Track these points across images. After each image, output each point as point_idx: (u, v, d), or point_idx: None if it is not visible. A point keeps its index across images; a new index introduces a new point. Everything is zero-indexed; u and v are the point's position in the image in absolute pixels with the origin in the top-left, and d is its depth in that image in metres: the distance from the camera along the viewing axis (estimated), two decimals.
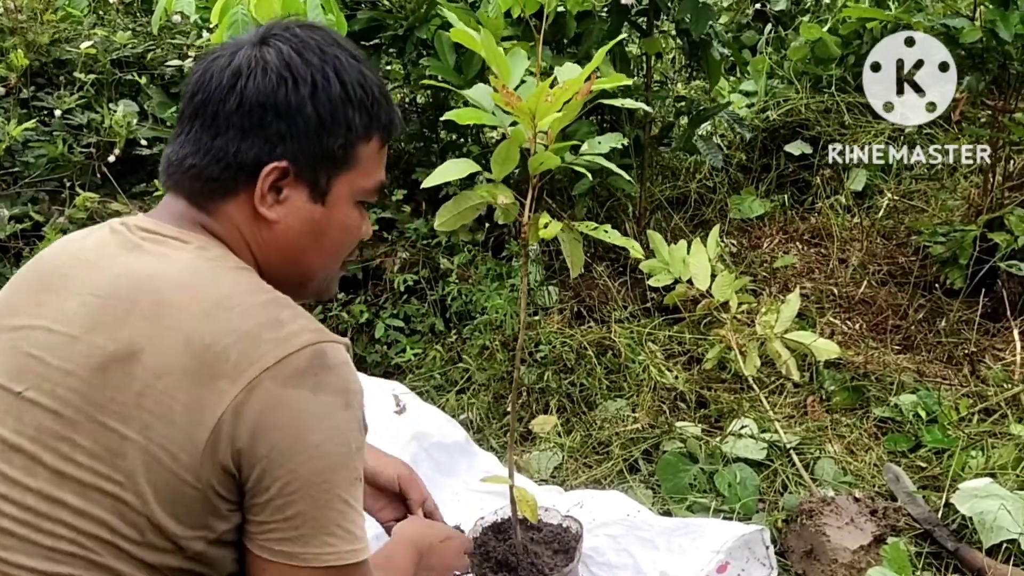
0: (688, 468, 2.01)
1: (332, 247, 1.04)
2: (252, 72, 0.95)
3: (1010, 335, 2.43)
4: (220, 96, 0.95)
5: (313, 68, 0.96)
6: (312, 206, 1.00)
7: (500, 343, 2.51)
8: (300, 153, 0.97)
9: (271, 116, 0.95)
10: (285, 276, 1.02)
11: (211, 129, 0.96)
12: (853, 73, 3.54)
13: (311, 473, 0.86)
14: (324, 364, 0.89)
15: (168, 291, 0.89)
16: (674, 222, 3.18)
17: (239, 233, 0.99)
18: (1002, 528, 1.64)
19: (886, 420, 2.20)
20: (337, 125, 0.98)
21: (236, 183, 0.97)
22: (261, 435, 0.85)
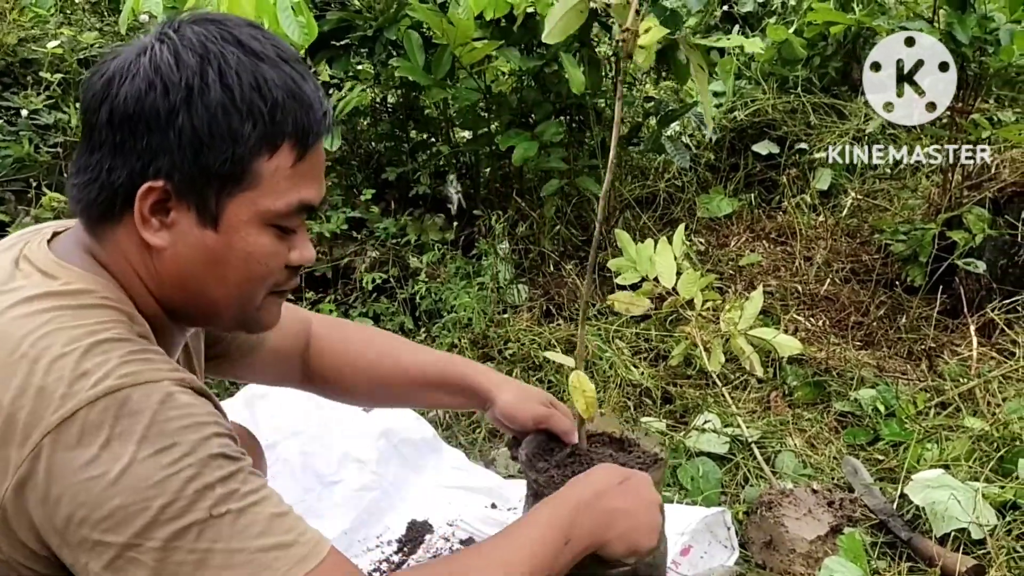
0: None
1: (236, 277, 0.89)
2: (123, 78, 0.82)
3: (967, 331, 2.49)
4: (94, 107, 0.84)
5: (188, 70, 0.82)
6: (202, 231, 0.86)
7: (469, 341, 2.53)
8: (176, 171, 0.83)
9: (141, 128, 0.82)
10: (189, 308, 0.92)
11: (88, 144, 0.85)
12: (819, 74, 3.61)
13: (131, 539, 0.73)
14: (124, 412, 0.75)
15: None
16: (643, 221, 3.21)
17: (127, 262, 0.88)
18: (953, 517, 1.69)
19: (846, 414, 2.25)
20: (219, 138, 0.83)
21: (114, 205, 0.85)
22: (52, 511, 0.74)
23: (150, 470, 0.74)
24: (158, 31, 0.86)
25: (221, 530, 0.76)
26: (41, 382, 0.75)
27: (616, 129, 1.25)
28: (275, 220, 0.88)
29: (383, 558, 1.82)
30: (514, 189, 3.14)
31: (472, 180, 3.21)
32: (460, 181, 3.14)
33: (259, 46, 0.86)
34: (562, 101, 2.91)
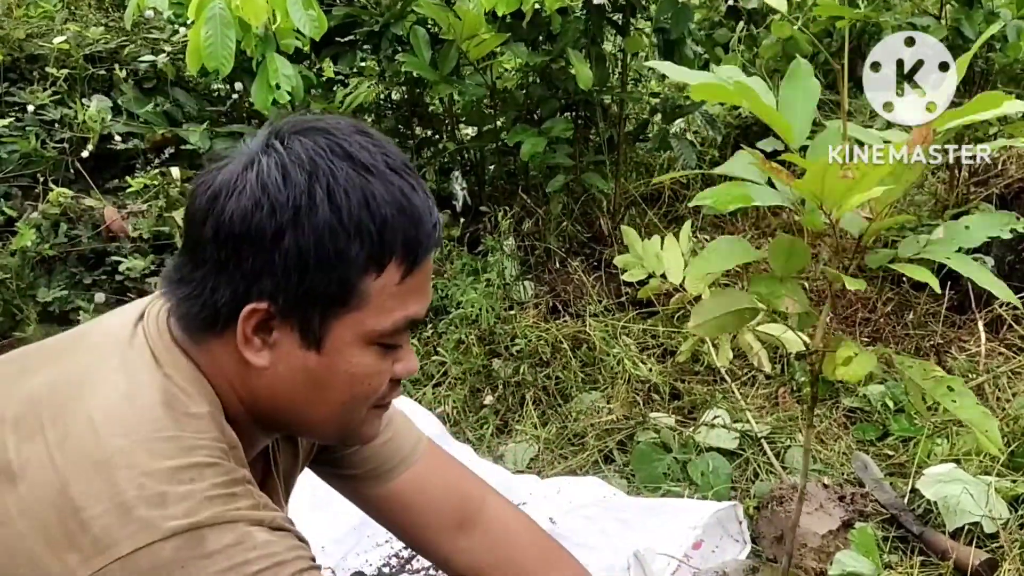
0: (662, 458, 2.04)
1: (339, 398, 0.85)
2: (229, 194, 0.79)
3: (975, 327, 2.49)
4: (199, 221, 0.80)
5: (296, 189, 0.78)
6: (305, 353, 0.82)
7: (476, 337, 2.52)
8: (280, 293, 0.79)
9: (247, 248, 0.78)
10: (284, 422, 0.89)
11: (192, 258, 0.82)
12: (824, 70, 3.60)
13: None
14: (198, 553, 0.73)
15: (81, 423, 0.77)
16: (648, 218, 3.21)
17: (223, 372, 0.84)
18: (965, 511, 1.69)
19: (855, 410, 2.25)
20: (325, 259, 0.78)
21: (216, 323, 0.81)
22: None
23: None
24: (264, 140, 0.82)
25: None
26: (122, 498, 0.73)
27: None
28: (380, 339, 0.84)
29: (392, 553, 1.82)
30: (519, 186, 3.13)
31: (477, 177, 3.20)
32: (465, 178, 3.14)
33: (368, 157, 0.81)
34: (569, 97, 2.90)
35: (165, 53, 2.72)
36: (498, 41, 2.60)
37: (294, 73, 2.33)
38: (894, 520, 1.80)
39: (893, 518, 1.81)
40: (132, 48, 2.73)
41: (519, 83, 3.04)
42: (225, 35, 2.17)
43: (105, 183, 2.56)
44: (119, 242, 2.39)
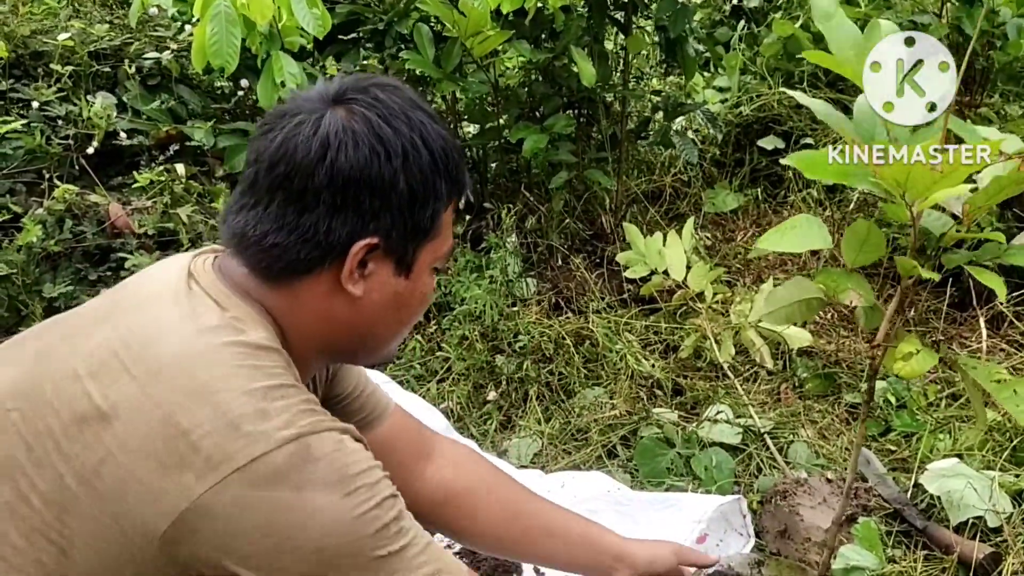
0: (665, 452, 2.05)
1: (408, 317, 1.00)
2: (342, 144, 0.87)
3: (976, 323, 2.50)
4: (308, 170, 0.87)
5: (403, 138, 0.89)
6: (396, 279, 0.94)
7: (479, 333, 2.53)
8: (392, 228, 0.91)
9: (365, 192, 0.88)
10: (350, 348, 0.99)
11: (297, 204, 0.88)
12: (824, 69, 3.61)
13: (319, 570, 0.81)
14: (308, 458, 0.81)
15: (169, 362, 0.83)
16: (650, 215, 3.22)
17: (309, 314, 0.93)
18: (969, 506, 1.70)
19: (857, 406, 2.26)
20: (427, 196, 0.92)
21: (322, 261, 0.90)
22: (232, 542, 0.79)
23: (339, 513, 0.81)
24: (339, 92, 0.91)
25: (397, 564, 0.84)
26: (228, 417, 0.80)
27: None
28: (440, 263, 0.99)
29: None
30: (522, 183, 3.14)
31: (480, 174, 3.21)
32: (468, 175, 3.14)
33: (429, 109, 0.94)
34: (571, 95, 2.91)
35: (170, 50, 2.72)
36: (502, 38, 2.61)
37: (299, 71, 2.34)
38: (897, 515, 1.82)
39: (896, 513, 1.82)
40: (137, 45, 2.73)
41: (522, 81, 3.05)
42: (230, 33, 2.18)
43: (110, 180, 2.57)
44: (124, 238, 2.39)
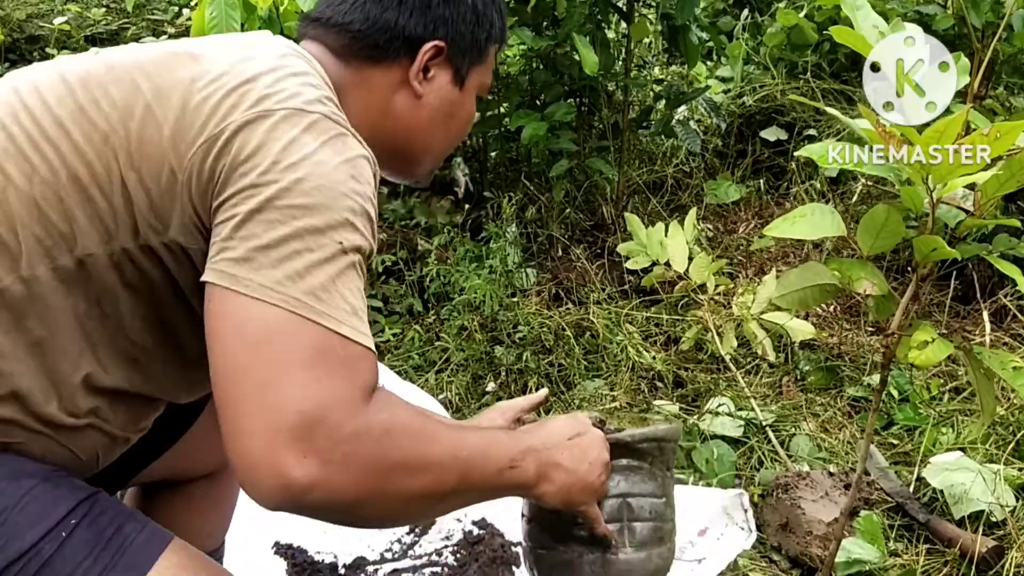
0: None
1: (456, 131, 1.13)
2: None
3: (980, 317, 2.48)
4: None
5: None
6: (452, 88, 1.09)
7: (478, 323, 2.51)
8: (456, 38, 1.07)
9: (438, 0, 1.06)
10: (397, 152, 1.09)
11: (380, 3, 1.04)
12: (828, 59, 3.59)
13: (277, 197, 0.82)
14: (331, 125, 0.89)
15: (262, 75, 0.91)
16: (651, 206, 3.20)
17: (374, 101, 1.05)
18: (972, 499, 1.68)
19: (859, 399, 2.24)
20: (486, 20, 1.10)
21: (397, 54, 1.04)
22: (248, 157, 0.84)
23: (336, 176, 0.85)
24: None
25: (335, 264, 0.83)
26: (289, 91, 0.89)
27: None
28: (482, 92, 1.15)
29: (395, 539, 1.81)
30: (522, 173, 3.12)
31: (480, 164, 3.19)
32: (468, 164, 3.12)
33: None
34: (573, 83, 2.88)
35: (166, 34, 2.70)
36: None
37: None
38: (899, 508, 1.80)
39: (899, 506, 1.80)
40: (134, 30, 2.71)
41: (523, 68, 3.03)
42: (230, 16, 2.15)
43: None
44: None
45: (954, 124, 0.89)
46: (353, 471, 0.78)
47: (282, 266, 0.80)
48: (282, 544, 1.74)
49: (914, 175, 0.96)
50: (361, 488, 0.79)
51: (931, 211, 0.99)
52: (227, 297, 0.80)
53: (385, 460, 0.81)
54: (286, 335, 0.78)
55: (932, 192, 0.97)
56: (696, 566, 1.64)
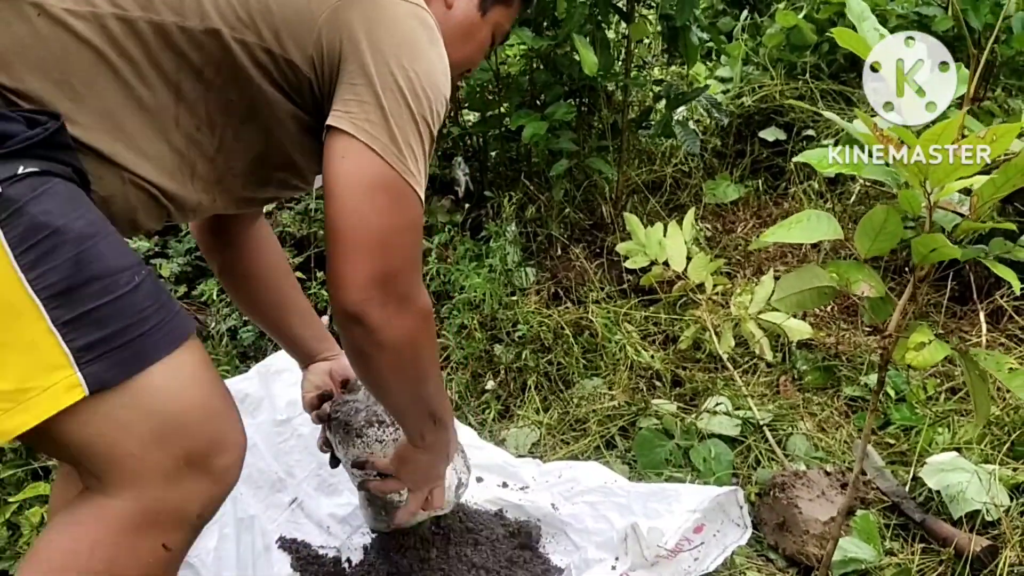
0: (664, 444, 2.04)
1: (467, 54, 1.29)
2: None
3: (976, 317, 2.49)
4: None
5: None
6: (475, 12, 1.27)
7: (478, 322, 2.52)
8: None
9: None
10: None
11: None
12: (827, 60, 3.60)
13: (389, 82, 1.01)
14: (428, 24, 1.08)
15: None
16: (650, 206, 3.21)
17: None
18: (968, 499, 1.69)
19: (856, 399, 2.25)
20: None
21: None
22: (357, 34, 1.02)
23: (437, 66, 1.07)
24: None
25: (423, 136, 1.05)
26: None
27: None
28: (500, 34, 1.31)
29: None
30: (522, 172, 3.13)
31: (480, 163, 3.20)
32: (468, 164, 3.13)
33: None
34: (573, 83, 2.89)
35: None
36: None
37: None
38: (895, 508, 1.81)
39: (895, 506, 1.82)
40: None
41: (523, 69, 3.03)
42: None
43: None
44: None
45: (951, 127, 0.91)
46: (408, 322, 1.04)
47: (398, 133, 1.00)
48: (287, 539, 1.75)
49: (912, 178, 0.97)
50: (404, 338, 1.05)
51: (928, 214, 1.00)
52: (351, 144, 0.99)
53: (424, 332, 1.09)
54: (394, 190, 1.00)
55: (929, 195, 0.98)
56: (693, 562, 1.65)
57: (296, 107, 1.10)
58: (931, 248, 1.00)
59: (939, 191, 0.96)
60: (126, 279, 0.93)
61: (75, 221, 0.90)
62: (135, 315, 0.93)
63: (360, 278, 0.98)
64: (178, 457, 0.95)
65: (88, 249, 0.90)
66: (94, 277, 0.90)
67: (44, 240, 0.88)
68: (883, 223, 1.03)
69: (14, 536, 1.79)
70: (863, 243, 1.07)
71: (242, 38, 1.03)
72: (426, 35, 1.07)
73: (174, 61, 1.02)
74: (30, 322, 0.87)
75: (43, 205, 0.88)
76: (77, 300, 0.89)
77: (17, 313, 0.87)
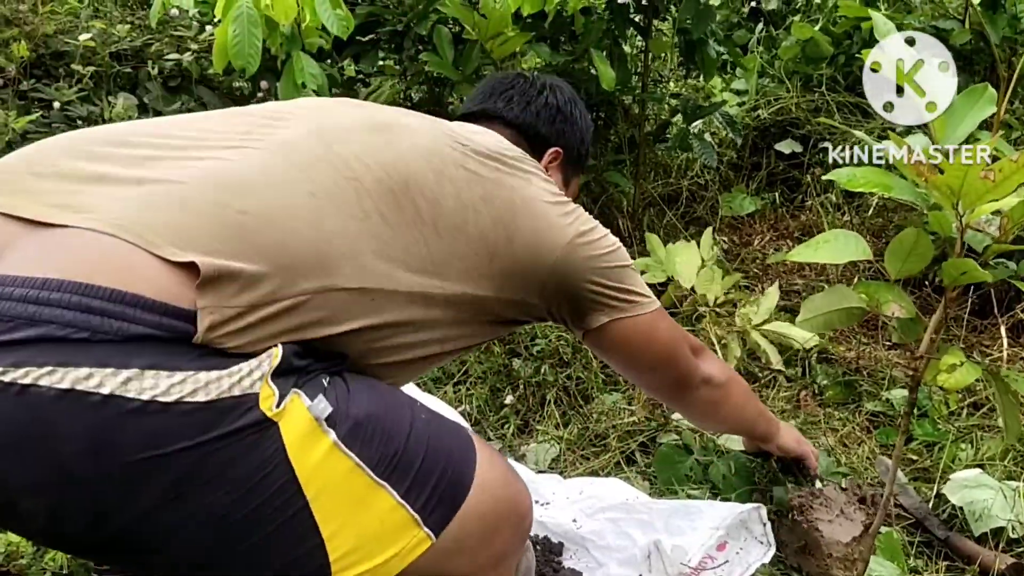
0: (684, 460, 2.04)
1: None
2: (555, 91, 1.48)
3: (997, 331, 2.48)
4: (533, 94, 1.46)
5: (582, 107, 1.53)
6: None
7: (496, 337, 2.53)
8: (568, 149, 1.47)
9: (560, 117, 1.46)
10: None
11: (522, 106, 1.44)
12: (843, 72, 3.60)
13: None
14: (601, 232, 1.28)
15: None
16: (667, 219, 3.21)
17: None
18: (992, 516, 1.68)
19: (877, 414, 2.24)
20: (585, 142, 1.52)
21: (533, 151, 1.40)
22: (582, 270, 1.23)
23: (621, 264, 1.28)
24: (538, 81, 1.50)
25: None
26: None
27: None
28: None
29: None
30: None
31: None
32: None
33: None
34: (590, 98, 2.90)
35: (190, 52, 2.73)
36: (522, 40, 2.61)
37: (319, 71, 2.34)
38: (919, 525, 1.80)
39: (918, 523, 1.81)
40: (158, 46, 2.74)
41: None
42: (252, 34, 2.19)
43: None
44: None
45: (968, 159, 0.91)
46: (718, 393, 1.50)
47: (635, 296, 1.29)
48: None
49: (943, 200, 0.97)
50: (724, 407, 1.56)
51: (960, 236, 1.00)
52: (627, 322, 1.28)
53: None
54: (665, 329, 1.36)
55: (961, 217, 0.98)
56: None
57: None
58: (962, 271, 1.00)
59: (970, 213, 0.96)
60: (411, 418, 1.02)
61: (360, 404, 0.98)
62: (437, 449, 1.03)
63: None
64: (514, 538, 1.12)
65: (382, 418, 0.99)
66: (403, 436, 0.99)
67: (363, 428, 0.96)
68: (914, 244, 1.03)
69: (39, 552, 1.80)
70: (893, 264, 1.07)
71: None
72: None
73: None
74: (378, 501, 0.96)
75: (353, 403, 0.97)
76: (405, 465, 0.99)
77: (369, 500, 0.96)
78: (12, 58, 2.51)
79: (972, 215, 0.96)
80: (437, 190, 1.07)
